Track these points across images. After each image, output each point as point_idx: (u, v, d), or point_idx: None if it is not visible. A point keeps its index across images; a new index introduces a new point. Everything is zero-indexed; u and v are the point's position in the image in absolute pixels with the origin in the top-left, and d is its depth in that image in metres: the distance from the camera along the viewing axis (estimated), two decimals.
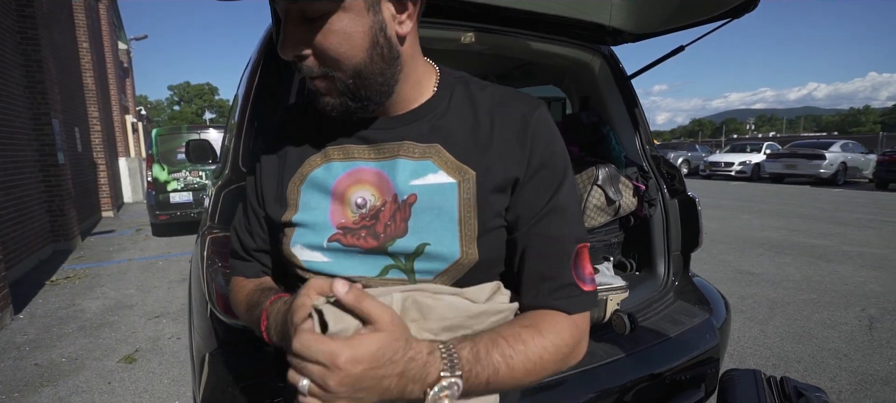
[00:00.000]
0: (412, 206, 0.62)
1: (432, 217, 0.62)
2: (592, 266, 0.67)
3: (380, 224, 0.63)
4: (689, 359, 1.41)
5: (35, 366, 2.80)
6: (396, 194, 0.63)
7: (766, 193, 12.04)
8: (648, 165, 1.80)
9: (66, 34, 8.36)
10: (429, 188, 0.62)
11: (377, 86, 0.60)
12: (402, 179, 0.63)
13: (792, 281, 4.26)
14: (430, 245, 0.61)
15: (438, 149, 0.64)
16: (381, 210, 0.63)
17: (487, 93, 0.67)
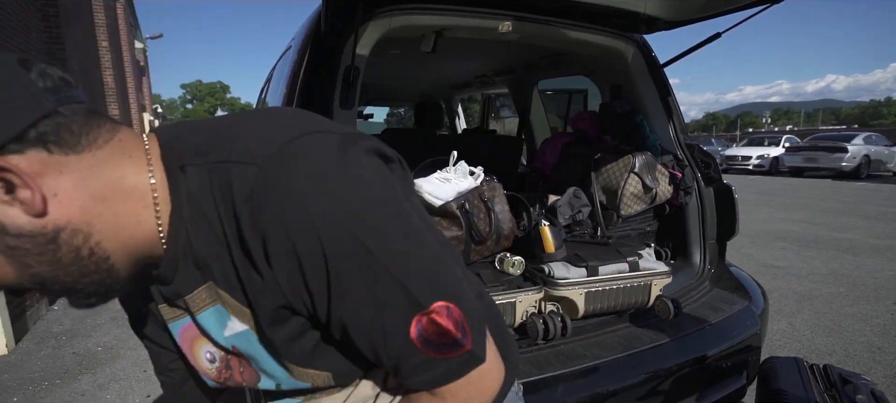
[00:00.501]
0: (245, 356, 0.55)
1: (262, 360, 0.55)
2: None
3: (236, 373, 0.58)
4: (731, 346, 1.40)
5: (73, 355, 2.88)
6: (223, 346, 0.55)
7: (786, 187, 11.85)
8: (683, 153, 1.79)
9: (87, 33, 8.51)
10: (238, 337, 0.53)
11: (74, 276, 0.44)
12: (216, 333, 0.54)
13: (818, 274, 4.20)
14: (281, 383, 0.57)
15: (213, 288, 0.50)
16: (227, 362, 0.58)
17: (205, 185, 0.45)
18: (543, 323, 1.18)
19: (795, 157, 14.81)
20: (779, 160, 15.82)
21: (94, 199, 0.43)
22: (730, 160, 17.20)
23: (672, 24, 1.74)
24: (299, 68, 1.37)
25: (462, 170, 1.34)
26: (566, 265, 1.28)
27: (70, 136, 0.41)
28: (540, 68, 2.60)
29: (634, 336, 1.32)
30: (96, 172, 0.43)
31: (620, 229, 1.76)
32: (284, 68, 1.70)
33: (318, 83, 1.33)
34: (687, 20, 1.69)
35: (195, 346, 0.57)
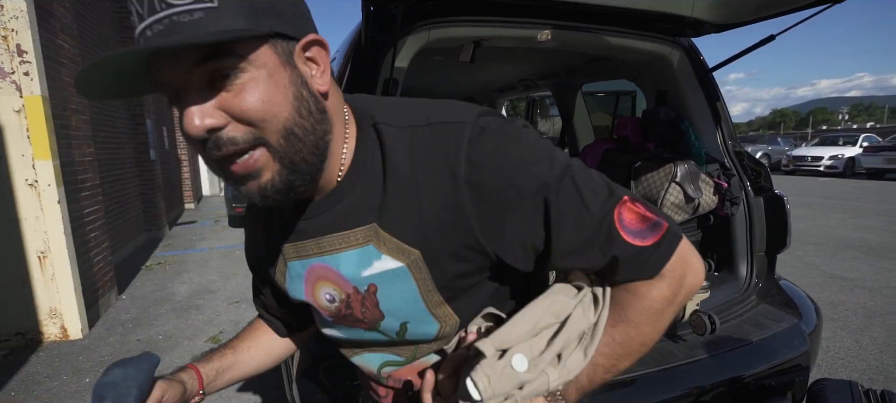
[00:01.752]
0: (376, 294, 0.59)
1: (399, 299, 0.59)
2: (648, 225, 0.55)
3: (356, 312, 0.62)
4: (775, 365, 1.33)
5: (137, 341, 3.13)
6: (355, 287, 0.60)
7: (862, 190, 10.91)
8: (731, 162, 1.71)
9: None
10: (382, 275, 0.58)
11: (312, 147, 0.50)
12: (354, 272, 0.59)
13: (893, 288, 3.85)
14: (409, 323, 0.61)
15: (376, 229, 0.56)
16: (350, 301, 0.61)
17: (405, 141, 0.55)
18: None
19: (875, 158, 13.58)
20: (855, 161, 14.56)
21: (335, 112, 0.54)
22: (798, 161, 16.03)
23: (721, 27, 1.67)
24: (342, 79, 1.44)
25: None
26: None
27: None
28: (584, 72, 2.55)
29: (669, 351, 1.29)
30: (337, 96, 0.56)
31: None
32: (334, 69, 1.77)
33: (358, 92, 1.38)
34: (737, 23, 1.61)
35: (317, 287, 0.63)
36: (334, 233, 0.58)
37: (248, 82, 0.45)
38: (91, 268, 3.59)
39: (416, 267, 0.57)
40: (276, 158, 0.48)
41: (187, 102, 0.45)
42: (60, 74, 3.34)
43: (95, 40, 5.24)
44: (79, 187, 3.52)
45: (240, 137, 0.46)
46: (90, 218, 3.69)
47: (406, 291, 0.58)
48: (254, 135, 0.47)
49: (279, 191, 0.50)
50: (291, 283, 0.66)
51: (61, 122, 3.30)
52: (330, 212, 0.58)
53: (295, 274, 0.64)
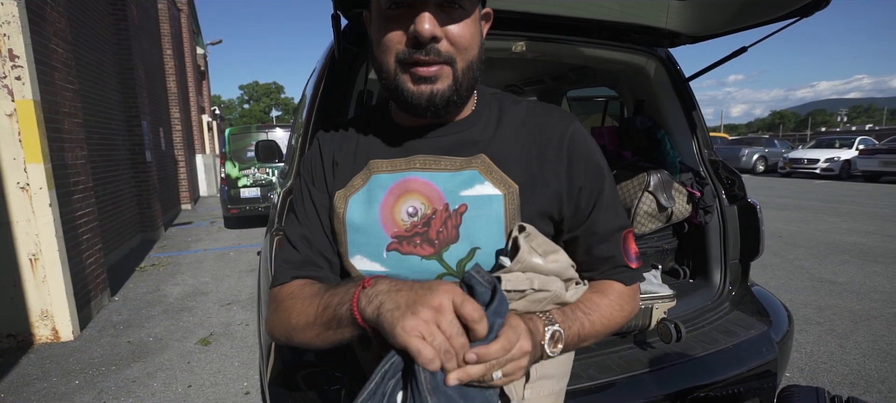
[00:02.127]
0: (463, 215, 0.68)
1: (481, 224, 0.67)
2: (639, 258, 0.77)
3: (432, 231, 0.68)
4: (743, 372, 1.36)
5: (128, 344, 3.16)
6: (447, 203, 0.68)
7: (857, 193, 10.94)
8: (705, 171, 1.73)
9: (153, 43, 9.19)
10: (477, 198, 0.68)
11: (469, 84, 0.67)
12: (452, 189, 0.68)
13: (881, 292, 3.88)
14: (480, 249, 0.68)
15: (484, 160, 0.69)
16: (431, 218, 0.68)
17: (522, 109, 0.74)
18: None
19: (871, 161, 13.61)
20: (851, 163, 14.59)
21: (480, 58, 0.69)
22: (794, 163, 16.05)
23: (696, 39, 1.69)
24: (317, 90, 1.46)
25: None
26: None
27: None
28: (568, 80, 2.58)
29: (635, 359, 1.31)
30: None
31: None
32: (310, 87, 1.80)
33: (333, 105, 1.41)
34: (710, 35, 1.63)
35: (403, 198, 0.70)
36: (447, 156, 0.70)
37: (465, 18, 0.63)
38: (83, 270, 3.61)
39: (511, 198, 0.68)
40: (453, 78, 0.64)
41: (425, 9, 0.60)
42: (53, 78, 3.37)
43: (91, 43, 5.27)
44: (71, 190, 3.55)
45: (444, 52, 0.63)
46: (83, 221, 3.71)
47: (492, 216, 0.68)
48: (451, 55, 0.63)
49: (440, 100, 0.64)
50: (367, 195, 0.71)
51: (54, 126, 3.32)
52: (448, 138, 0.71)
53: (375, 185, 0.71)
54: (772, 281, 4.27)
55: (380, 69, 0.67)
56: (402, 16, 0.62)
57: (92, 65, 5.29)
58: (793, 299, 3.74)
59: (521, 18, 1.46)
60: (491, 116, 0.73)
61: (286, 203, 1.37)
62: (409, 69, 0.63)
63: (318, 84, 1.47)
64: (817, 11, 1.38)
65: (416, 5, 0.60)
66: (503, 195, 0.68)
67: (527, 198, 0.69)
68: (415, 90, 0.64)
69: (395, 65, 0.64)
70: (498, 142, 0.71)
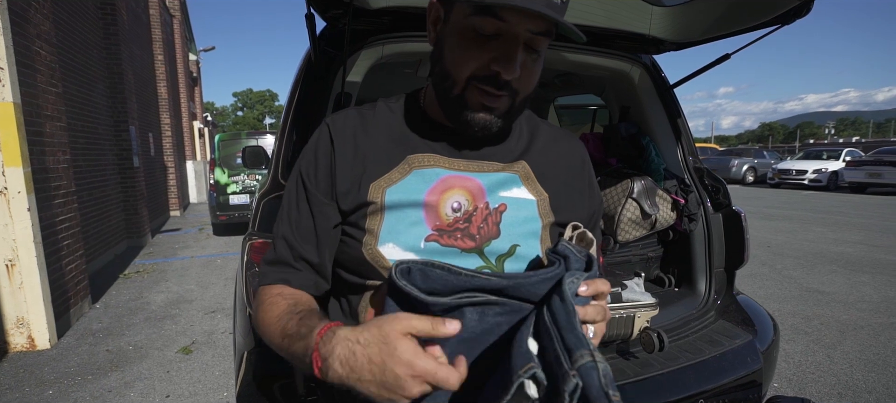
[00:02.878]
0: (502, 214, 0.71)
1: (520, 224, 0.71)
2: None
3: (473, 226, 0.69)
4: (727, 382, 1.33)
5: (106, 352, 3.08)
6: (488, 202, 0.71)
7: (844, 204, 11.06)
8: (690, 178, 1.72)
9: (144, 48, 9.13)
10: (516, 200, 0.72)
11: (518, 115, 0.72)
12: (493, 189, 0.72)
13: (868, 302, 3.89)
14: (520, 247, 0.70)
15: (524, 166, 0.75)
16: (473, 214, 0.70)
17: (547, 128, 0.82)
18: None
19: (857, 172, 13.80)
20: (838, 175, 14.78)
21: None
22: (783, 174, 16.23)
23: (680, 46, 1.69)
24: (294, 92, 1.43)
25: None
26: None
27: None
28: (554, 86, 2.57)
29: (618, 369, 1.28)
30: None
31: (619, 255, 1.71)
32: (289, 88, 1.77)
33: (309, 108, 1.38)
34: (693, 42, 1.63)
35: (447, 193, 0.71)
36: (488, 160, 0.74)
37: (538, 60, 0.66)
38: (63, 277, 3.53)
39: (543, 204, 0.74)
40: (510, 107, 0.67)
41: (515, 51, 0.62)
42: (35, 81, 3.31)
43: (77, 46, 5.21)
44: (52, 194, 3.48)
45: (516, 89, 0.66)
46: (63, 226, 3.64)
47: (530, 218, 0.72)
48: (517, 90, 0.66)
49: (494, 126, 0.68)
50: (409, 184, 0.71)
51: (35, 129, 3.26)
52: (488, 146, 0.75)
53: (418, 179, 0.71)
54: (760, 290, 4.27)
55: (445, 76, 0.67)
56: (489, 36, 0.62)
57: (79, 68, 5.23)
58: (781, 308, 3.74)
59: None
60: (524, 130, 0.80)
61: (261, 207, 1.34)
62: (479, 88, 0.65)
63: (294, 87, 1.45)
64: (798, 19, 1.38)
65: (506, 36, 0.62)
66: (537, 201, 0.73)
67: (556, 209, 0.75)
68: (476, 115, 0.66)
69: (466, 81, 0.65)
70: (534, 154, 0.77)
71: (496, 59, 0.62)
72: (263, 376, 1.20)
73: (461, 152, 0.74)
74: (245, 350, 1.32)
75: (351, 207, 0.70)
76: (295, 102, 1.39)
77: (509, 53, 0.61)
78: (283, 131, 1.41)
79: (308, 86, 1.37)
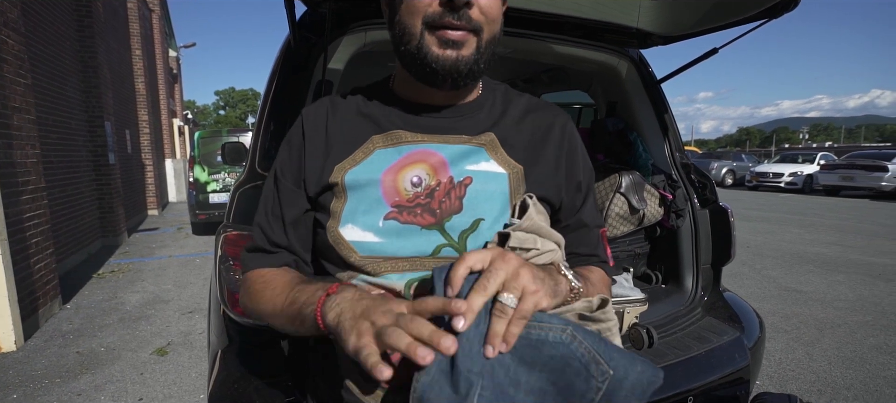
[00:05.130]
0: (467, 187, 0.68)
1: (486, 198, 0.68)
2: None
3: (435, 201, 0.67)
4: (716, 379, 1.32)
5: (77, 354, 2.95)
6: (452, 176, 0.68)
7: (819, 206, 11.35)
8: (677, 174, 1.71)
9: (122, 42, 8.88)
10: (483, 174, 0.69)
11: (488, 58, 0.67)
12: (457, 162, 0.69)
13: (844, 300, 3.97)
14: (484, 221, 0.67)
15: (492, 138, 0.72)
16: (435, 189, 0.67)
17: (524, 100, 0.78)
18: None
19: (831, 175, 14.19)
20: (813, 178, 15.19)
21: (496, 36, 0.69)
22: (760, 177, 16.62)
23: (667, 40, 1.68)
24: (272, 82, 1.38)
25: None
26: None
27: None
28: (541, 82, 2.55)
29: None
30: None
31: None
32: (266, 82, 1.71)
33: (289, 96, 1.32)
34: (681, 36, 1.62)
35: (406, 169, 0.69)
36: (454, 133, 0.71)
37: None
38: (30, 276, 3.38)
39: (516, 177, 0.70)
40: (476, 47, 0.64)
41: None
42: (2, 70, 3.17)
43: (49, 37, 5.02)
44: (19, 190, 3.33)
45: (473, 19, 0.63)
46: (32, 223, 3.49)
47: (498, 192, 0.68)
48: (479, 24, 0.63)
49: (464, 67, 0.64)
50: (368, 165, 0.69)
51: (2, 120, 3.12)
52: (455, 118, 0.72)
53: (379, 158, 0.70)
54: (741, 289, 4.33)
55: (402, 32, 0.65)
56: None
57: (50, 60, 5.04)
58: (761, 307, 3.79)
59: None
60: (496, 101, 0.76)
61: (236, 199, 1.28)
62: (436, 32, 0.63)
63: (272, 75, 1.39)
64: (786, 12, 1.38)
65: None
66: (508, 174, 0.70)
67: (530, 182, 0.71)
68: (440, 54, 0.63)
69: (421, 27, 0.63)
70: (504, 125, 0.73)
71: None
72: (237, 375, 1.14)
73: (427, 126, 0.71)
74: (219, 349, 1.26)
75: (316, 192, 0.71)
76: (273, 91, 1.33)
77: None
78: (260, 121, 1.36)
79: (287, 75, 1.32)
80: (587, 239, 0.78)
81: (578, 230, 0.77)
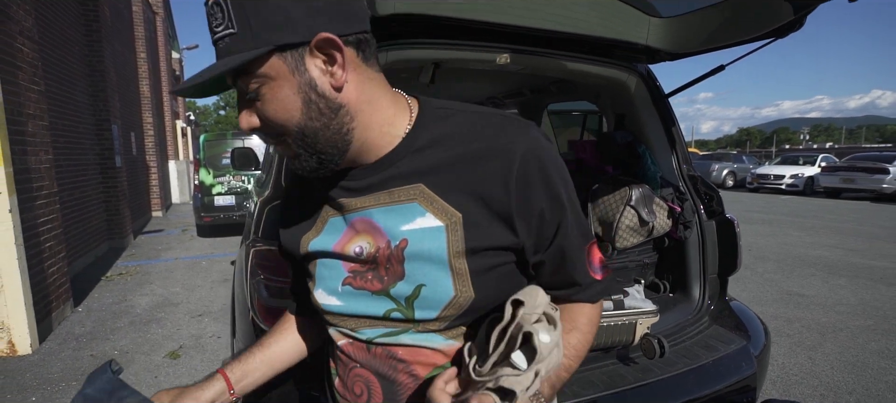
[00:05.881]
0: (404, 251, 0.64)
1: (423, 260, 0.63)
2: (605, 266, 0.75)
3: (380, 268, 0.66)
4: (723, 387, 1.37)
5: (91, 357, 3.01)
6: (389, 240, 0.64)
7: (820, 209, 11.38)
8: (685, 186, 1.76)
9: (126, 45, 8.94)
10: (418, 232, 0.63)
11: (328, 141, 0.59)
12: (393, 225, 0.64)
13: (846, 305, 4.02)
14: (425, 286, 0.64)
15: (422, 189, 0.64)
16: (376, 255, 0.65)
17: (467, 127, 0.65)
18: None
19: (832, 177, 14.21)
20: (814, 180, 15.22)
21: (365, 100, 0.61)
22: (761, 179, 16.64)
23: (675, 56, 1.73)
24: None
25: None
26: None
27: (368, 51, 0.60)
28: (549, 92, 2.60)
29: (619, 374, 1.31)
30: (371, 83, 0.61)
31: (617, 261, 1.73)
32: None
33: None
34: (689, 53, 1.67)
35: (353, 240, 0.67)
36: (382, 191, 0.66)
37: (265, 94, 0.56)
38: (44, 280, 3.43)
39: (454, 228, 0.63)
40: (300, 148, 0.59)
41: (239, 108, 0.59)
42: (17, 78, 3.22)
43: (58, 42, 5.08)
44: (34, 195, 3.38)
45: (270, 135, 0.60)
46: (45, 228, 3.54)
47: (434, 250, 0.63)
48: (277, 132, 0.59)
49: (313, 169, 0.62)
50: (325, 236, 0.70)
51: (17, 128, 3.17)
52: (379, 174, 0.65)
53: (332, 228, 0.70)
54: (743, 293, 4.37)
55: None
56: None
57: (60, 65, 5.09)
58: (764, 311, 3.84)
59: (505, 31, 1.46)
60: (427, 139, 0.64)
61: (264, 213, 1.33)
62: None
63: None
64: (792, 32, 1.43)
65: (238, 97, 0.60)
66: (445, 226, 0.63)
67: (472, 228, 0.63)
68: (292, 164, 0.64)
69: None
70: (438, 167, 0.64)
71: None
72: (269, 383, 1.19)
73: (363, 187, 0.66)
74: None
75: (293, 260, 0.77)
76: None
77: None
78: None
79: None
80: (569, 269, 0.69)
81: (556, 262, 0.68)
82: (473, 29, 1.43)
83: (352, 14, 0.57)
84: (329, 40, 0.54)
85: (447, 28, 1.42)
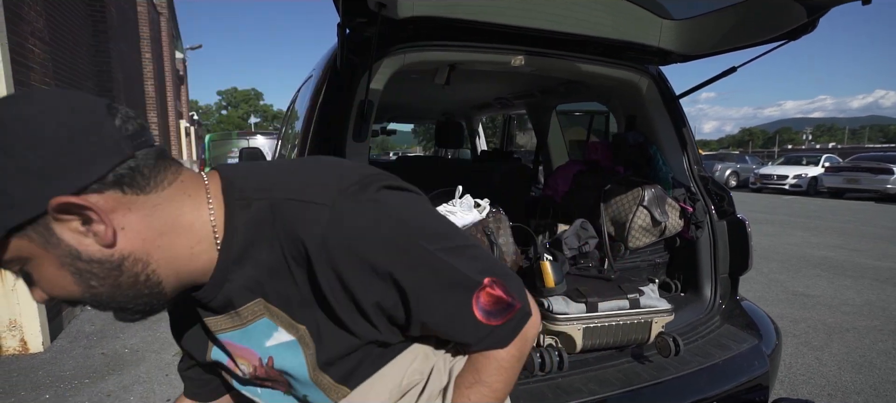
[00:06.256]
0: (275, 367, 0.61)
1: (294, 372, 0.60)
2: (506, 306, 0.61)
3: (268, 381, 0.64)
4: (737, 386, 1.38)
5: (102, 355, 3.03)
6: (260, 357, 0.62)
7: (823, 209, 11.37)
8: (696, 186, 1.77)
9: (132, 45, 8.98)
10: (279, 348, 0.59)
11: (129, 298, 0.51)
12: (256, 343, 0.60)
13: (852, 305, 4.02)
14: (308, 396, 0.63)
15: (264, 304, 0.57)
16: (256, 373, 0.63)
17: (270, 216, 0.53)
18: (540, 356, 1.20)
19: (836, 178, 14.19)
20: (817, 180, 15.19)
21: (156, 234, 0.50)
22: (764, 179, 16.62)
23: (687, 58, 1.74)
24: (317, 99, 1.45)
25: (467, 203, 1.37)
26: (566, 300, 1.29)
27: (141, 179, 0.48)
28: (558, 93, 2.62)
29: (634, 372, 1.32)
30: (159, 210, 0.50)
31: (629, 261, 1.75)
32: (306, 96, 1.78)
33: (333, 116, 1.39)
34: (701, 54, 1.68)
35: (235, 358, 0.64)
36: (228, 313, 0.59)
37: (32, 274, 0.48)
38: None
39: (304, 342, 0.58)
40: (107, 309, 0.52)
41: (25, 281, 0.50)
42: (29, 79, 3.25)
43: (68, 44, 5.11)
44: None
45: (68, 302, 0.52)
46: None
47: (297, 367, 0.59)
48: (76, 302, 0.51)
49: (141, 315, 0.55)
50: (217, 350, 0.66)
51: None
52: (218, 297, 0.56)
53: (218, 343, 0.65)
54: (750, 293, 4.38)
55: None
56: None
57: (68, 65, 5.12)
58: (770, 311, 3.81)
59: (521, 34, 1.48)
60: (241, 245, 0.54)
61: None
62: None
63: (317, 93, 1.46)
64: (804, 35, 1.44)
65: None
66: (297, 340, 0.58)
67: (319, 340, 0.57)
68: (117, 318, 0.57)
69: None
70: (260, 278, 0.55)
71: None
72: None
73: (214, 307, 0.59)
74: None
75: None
76: (318, 109, 1.40)
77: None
78: (306, 139, 1.42)
79: (332, 94, 1.39)
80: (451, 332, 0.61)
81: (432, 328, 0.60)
82: (489, 31, 1.45)
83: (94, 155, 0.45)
84: (66, 205, 0.43)
85: (464, 30, 1.44)
